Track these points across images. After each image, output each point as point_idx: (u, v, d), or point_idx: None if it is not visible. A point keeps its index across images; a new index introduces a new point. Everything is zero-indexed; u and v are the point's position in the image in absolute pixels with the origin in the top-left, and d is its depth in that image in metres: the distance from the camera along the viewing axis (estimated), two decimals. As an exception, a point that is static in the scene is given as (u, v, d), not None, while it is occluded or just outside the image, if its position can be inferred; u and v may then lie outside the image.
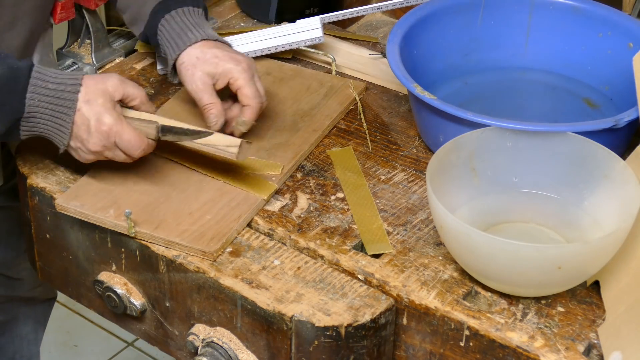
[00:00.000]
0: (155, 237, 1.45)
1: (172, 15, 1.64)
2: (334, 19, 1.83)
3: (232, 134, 1.58)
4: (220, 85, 1.59)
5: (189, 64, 1.60)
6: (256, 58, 1.78)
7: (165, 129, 1.49)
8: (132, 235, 1.45)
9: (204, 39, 1.62)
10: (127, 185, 1.53)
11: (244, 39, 1.81)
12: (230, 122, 1.60)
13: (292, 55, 1.85)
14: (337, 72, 1.80)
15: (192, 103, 1.64)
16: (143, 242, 1.46)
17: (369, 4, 2.06)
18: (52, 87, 1.44)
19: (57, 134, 1.46)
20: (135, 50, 1.87)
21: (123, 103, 1.50)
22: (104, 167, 1.55)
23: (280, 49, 1.80)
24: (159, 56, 1.76)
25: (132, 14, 1.71)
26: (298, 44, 1.79)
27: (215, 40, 1.63)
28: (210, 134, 1.49)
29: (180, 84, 1.66)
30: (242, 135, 1.60)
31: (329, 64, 1.81)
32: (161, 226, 1.46)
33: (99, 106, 1.45)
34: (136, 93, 1.50)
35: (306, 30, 1.76)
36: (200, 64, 1.59)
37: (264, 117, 1.67)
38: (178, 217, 1.48)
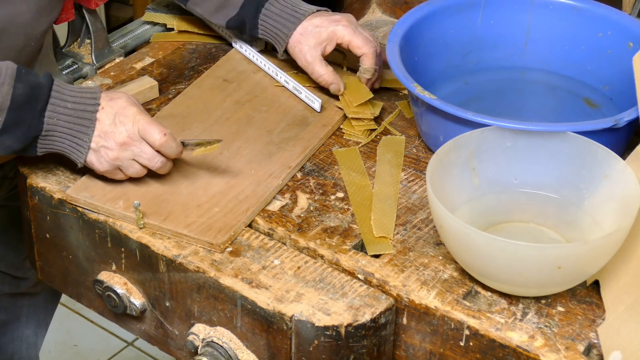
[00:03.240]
0: (164, 229, 1.46)
1: (272, 3, 1.70)
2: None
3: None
4: (330, 48, 1.68)
5: (295, 41, 1.68)
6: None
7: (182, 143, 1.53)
8: (141, 226, 1.46)
9: (318, 10, 1.69)
10: (135, 178, 1.53)
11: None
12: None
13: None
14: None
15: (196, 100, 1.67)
16: (143, 242, 1.46)
17: (369, 5, 2.06)
18: (70, 107, 1.47)
19: (74, 151, 1.49)
20: (134, 50, 1.87)
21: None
22: None
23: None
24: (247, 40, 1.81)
25: (215, 3, 1.75)
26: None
27: (314, 12, 1.70)
28: (219, 141, 1.52)
29: (182, 83, 1.67)
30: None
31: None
32: (169, 218, 1.47)
33: (123, 101, 1.49)
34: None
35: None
36: (304, 39, 1.68)
37: (274, 112, 1.68)
38: (186, 209, 1.48)
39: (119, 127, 1.48)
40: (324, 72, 1.68)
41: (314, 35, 1.68)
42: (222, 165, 1.57)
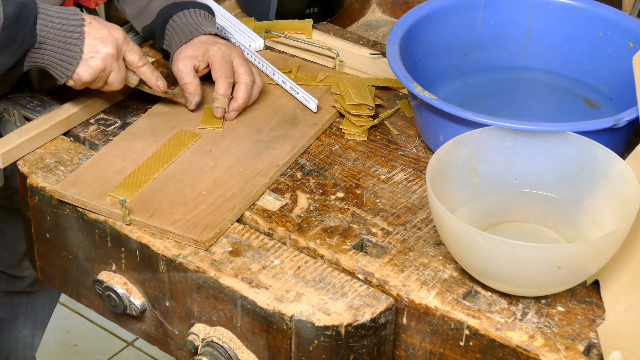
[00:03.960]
0: (150, 226, 1.46)
1: (186, 14, 1.70)
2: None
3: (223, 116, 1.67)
4: (202, 66, 1.67)
5: (178, 51, 1.68)
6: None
7: (142, 82, 1.65)
8: (127, 223, 1.47)
9: (203, 34, 1.68)
10: (125, 174, 1.54)
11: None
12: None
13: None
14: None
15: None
16: (143, 242, 1.46)
17: (369, 5, 2.06)
18: (57, 22, 1.52)
19: (62, 64, 1.54)
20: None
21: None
22: (102, 157, 1.58)
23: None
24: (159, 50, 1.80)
25: (137, 8, 1.77)
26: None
27: (214, 35, 1.69)
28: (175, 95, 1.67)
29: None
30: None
31: (333, 58, 1.82)
32: (155, 215, 1.47)
33: (105, 21, 1.59)
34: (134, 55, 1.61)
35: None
36: (184, 49, 1.67)
37: (264, 110, 1.69)
38: (173, 207, 1.49)
39: (108, 40, 1.56)
40: (189, 81, 1.66)
41: (194, 48, 1.67)
42: (210, 162, 1.58)
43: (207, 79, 1.70)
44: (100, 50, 1.56)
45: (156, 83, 1.64)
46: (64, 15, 1.54)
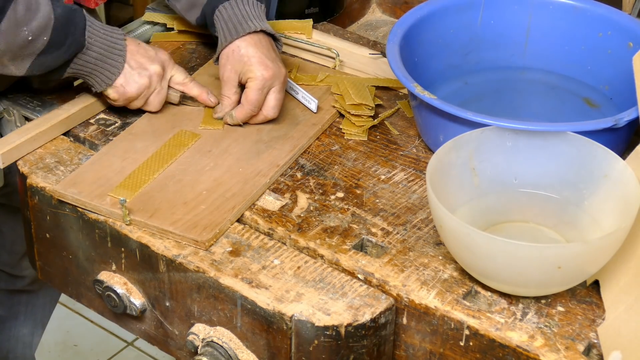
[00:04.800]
0: (149, 226, 1.46)
1: (225, 7, 1.68)
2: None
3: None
4: (243, 81, 1.66)
5: (225, 54, 1.65)
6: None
7: (186, 97, 1.68)
8: (127, 223, 1.47)
9: (254, 31, 1.65)
10: (124, 174, 1.54)
11: None
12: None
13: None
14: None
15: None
16: (143, 242, 1.46)
17: (369, 5, 2.06)
18: (102, 32, 1.57)
19: (104, 72, 1.58)
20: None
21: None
22: (102, 156, 1.58)
23: None
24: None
25: (188, 2, 1.76)
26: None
27: (268, 34, 1.67)
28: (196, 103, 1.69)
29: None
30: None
31: (333, 58, 1.82)
32: (155, 215, 1.47)
33: (152, 46, 1.64)
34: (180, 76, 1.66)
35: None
36: (232, 57, 1.65)
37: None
38: (173, 207, 1.49)
39: (154, 60, 1.61)
40: (228, 95, 1.66)
41: (240, 62, 1.64)
42: (210, 162, 1.58)
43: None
44: (147, 67, 1.60)
45: (207, 98, 1.67)
46: (107, 28, 1.59)
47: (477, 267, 1.35)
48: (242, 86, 1.66)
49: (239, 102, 1.65)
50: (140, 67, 1.60)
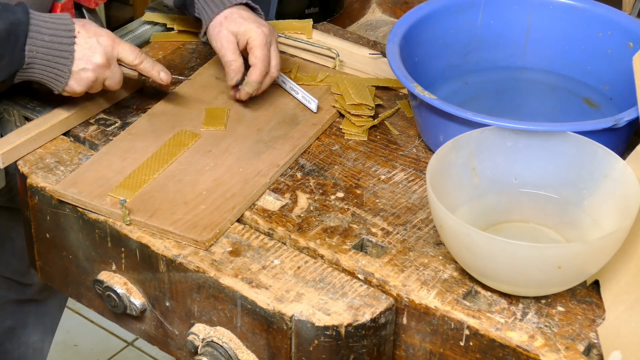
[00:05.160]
0: (149, 226, 1.46)
1: None
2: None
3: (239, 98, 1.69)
4: (242, 44, 1.66)
5: (217, 22, 1.67)
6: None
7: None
8: (127, 223, 1.47)
9: (238, 4, 1.68)
10: (124, 174, 1.54)
11: None
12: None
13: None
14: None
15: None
16: (143, 242, 1.46)
17: (369, 5, 2.06)
18: (48, 39, 1.52)
19: (52, 80, 1.56)
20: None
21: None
22: (102, 156, 1.58)
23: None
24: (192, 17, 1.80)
25: None
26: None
27: (250, 6, 1.69)
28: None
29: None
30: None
31: (333, 58, 1.82)
32: (155, 215, 1.47)
33: (95, 27, 1.57)
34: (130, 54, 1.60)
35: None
36: (226, 22, 1.66)
37: (264, 110, 1.69)
38: (173, 207, 1.49)
39: (97, 49, 1.55)
40: (233, 58, 1.66)
41: (236, 23, 1.66)
42: (210, 162, 1.58)
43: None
44: (90, 60, 1.55)
45: (159, 77, 1.63)
46: (55, 32, 1.53)
47: (477, 267, 1.35)
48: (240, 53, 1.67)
49: (243, 67, 1.66)
50: (83, 63, 1.55)
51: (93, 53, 1.55)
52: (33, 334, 2.06)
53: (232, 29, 1.65)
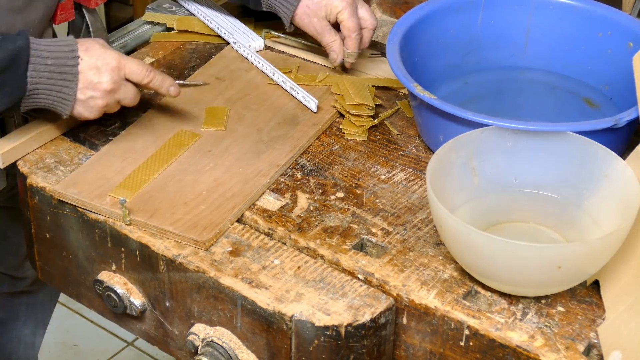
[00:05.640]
0: (149, 226, 1.46)
1: None
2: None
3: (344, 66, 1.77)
4: (333, 19, 1.73)
5: (303, 14, 1.74)
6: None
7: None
8: (127, 223, 1.47)
9: None
10: (124, 174, 1.54)
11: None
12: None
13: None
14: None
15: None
16: (143, 242, 1.46)
17: (369, 4, 2.05)
18: (50, 63, 1.50)
19: (59, 104, 1.53)
20: (134, 50, 1.87)
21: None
22: (102, 156, 1.58)
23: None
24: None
25: None
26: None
27: None
28: (206, 84, 1.69)
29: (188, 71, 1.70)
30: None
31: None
32: (155, 215, 1.47)
33: (98, 47, 1.53)
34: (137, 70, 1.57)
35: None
36: (311, 11, 1.73)
37: (264, 110, 1.69)
38: (173, 207, 1.49)
39: (104, 75, 1.52)
40: (332, 40, 1.73)
41: (320, 6, 1.72)
42: (210, 162, 1.58)
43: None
44: (97, 88, 1.52)
45: (168, 92, 1.60)
46: (58, 55, 1.50)
47: (477, 267, 1.35)
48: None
49: (342, 44, 1.73)
50: (90, 90, 1.52)
51: (99, 80, 1.52)
52: (24, 327, 2.06)
53: (320, 14, 1.72)
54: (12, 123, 1.68)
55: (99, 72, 1.52)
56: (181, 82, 1.67)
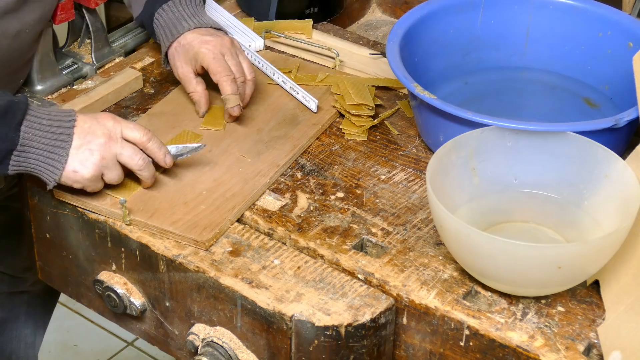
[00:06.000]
0: (149, 226, 1.46)
1: (169, 5, 1.68)
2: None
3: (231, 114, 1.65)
4: (198, 68, 1.65)
5: (173, 53, 1.66)
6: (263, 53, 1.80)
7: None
8: (127, 223, 1.47)
9: (196, 27, 1.66)
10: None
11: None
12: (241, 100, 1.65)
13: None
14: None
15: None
16: (143, 242, 1.46)
17: (369, 5, 2.06)
18: (46, 123, 1.45)
19: (48, 168, 1.46)
20: (134, 50, 1.87)
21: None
22: None
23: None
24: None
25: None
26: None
27: (208, 27, 1.67)
28: (203, 146, 1.55)
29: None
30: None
31: (333, 58, 1.82)
32: (155, 215, 1.47)
33: (94, 113, 1.50)
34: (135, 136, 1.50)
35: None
36: (178, 53, 1.66)
37: (264, 110, 1.69)
38: (173, 207, 1.49)
39: (99, 127, 1.46)
40: (192, 90, 1.65)
41: (185, 51, 1.65)
42: (210, 162, 1.58)
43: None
44: (92, 141, 1.46)
45: (164, 160, 1.51)
46: (54, 118, 1.46)
47: (477, 267, 1.35)
48: (200, 75, 1.66)
49: (205, 94, 1.65)
50: (84, 147, 1.46)
51: (95, 131, 1.46)
52: (25, 327, 2.06)
53: (184, 58, 1.65)
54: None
55: (94, 124, 1.46)
56: (174, 149, 1.56)
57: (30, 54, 1.66)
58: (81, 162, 1.46)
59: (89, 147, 1.45)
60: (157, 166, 1.53)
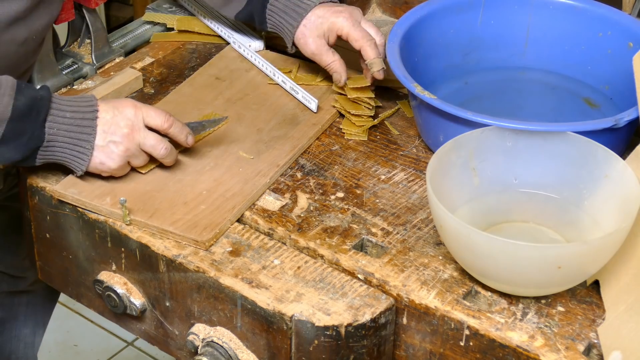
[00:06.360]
0: (149, 226, 1.46)
1: (274, 0, 1.70)
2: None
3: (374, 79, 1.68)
4: (332, 40, 1.68)
5: (300, 34, 1.69)
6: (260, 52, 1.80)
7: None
8: (127, 223, 1.47)
9: (321, 2, 1.69)
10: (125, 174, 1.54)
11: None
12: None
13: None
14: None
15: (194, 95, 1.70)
16: (143, 242, 1.46)
17: (369, 5, 2.06)
18: (69, 116, 1.49)
19: (75, 159, 1.50)
20: (134, 50, 1.87)
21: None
22: None
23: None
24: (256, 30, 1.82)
25: None
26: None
27: (317, 4, 1.70)
28: (225, 118, 1.63)
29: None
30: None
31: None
32: (155, 215, 1.47)
33: (115, 100, 1.53)
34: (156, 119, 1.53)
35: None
36: (307, 31, 1.68)
37: (264, 110, 1.69)
38: (173, 207, 1.49)
39: (122, 118, 1.50)
40: (330, 60, 1.68)
41: (316, 26, 1.68)
42: (210, 162, 1.58)
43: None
44: (116, 132, 1.49)
45: (186, 141, 1.55)
46: (77, 109, 1.49)
47: (477, 267, 1.35)
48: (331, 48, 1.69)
49: (342, 62, 1.68)
50: (109, 138, 1.50)
51: (118, 122, 1.50)
52: (24, 326, 2.06)
53: (316, 33, 1.67)
54: None
55: (115, 115, 1.50)
56: (193, 123, 1.61)
57: (35, 58, 1.66)
58: (107, 155, 1.50)
59: (113, 139, 1.50)
60: (178, 145, 1.55)
